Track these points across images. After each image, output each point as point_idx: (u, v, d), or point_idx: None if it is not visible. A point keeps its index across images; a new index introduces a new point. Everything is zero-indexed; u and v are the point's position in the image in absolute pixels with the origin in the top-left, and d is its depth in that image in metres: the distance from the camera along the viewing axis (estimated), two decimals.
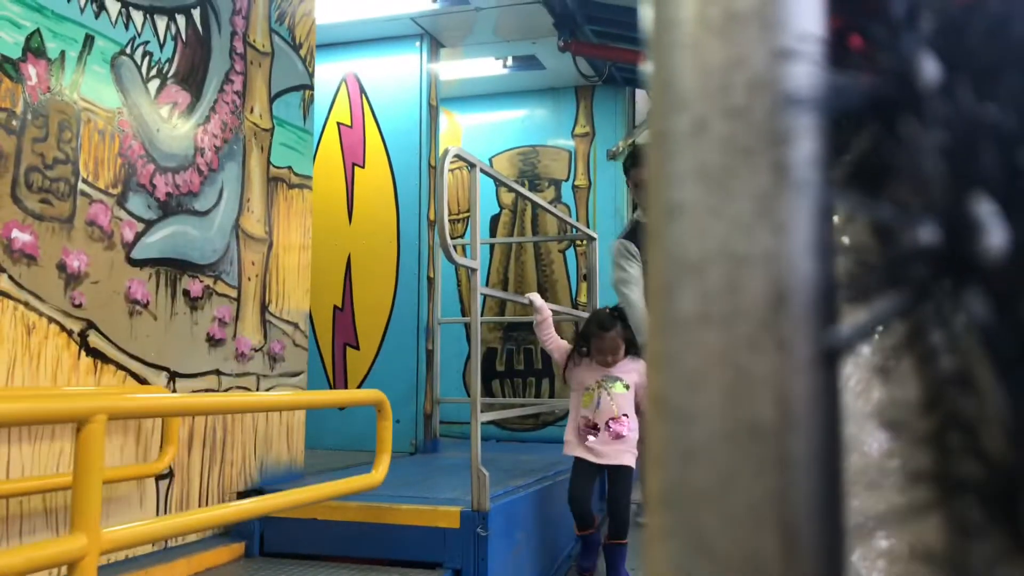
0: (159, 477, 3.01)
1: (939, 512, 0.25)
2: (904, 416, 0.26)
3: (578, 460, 3.41)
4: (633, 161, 3.23)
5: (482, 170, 3.21)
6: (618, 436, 3.34)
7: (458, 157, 3.10)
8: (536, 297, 3.61)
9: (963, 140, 0.23)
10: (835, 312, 0.23)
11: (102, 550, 1.67)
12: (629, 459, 3.37)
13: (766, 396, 0.22)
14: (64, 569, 1.69)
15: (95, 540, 1.63)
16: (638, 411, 3.45)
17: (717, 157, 0.23)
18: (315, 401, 3.34)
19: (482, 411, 3.20)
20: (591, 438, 3.35)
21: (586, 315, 4.54)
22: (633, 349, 3.39)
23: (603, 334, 3.37)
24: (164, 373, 3.04)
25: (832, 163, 0.23)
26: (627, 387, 3.39)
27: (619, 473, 3.39)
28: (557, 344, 3.57)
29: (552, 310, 4.47)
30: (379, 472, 2.71)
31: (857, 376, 0.27)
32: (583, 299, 5.20)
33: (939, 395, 0.25)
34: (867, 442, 0.27)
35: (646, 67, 0.26)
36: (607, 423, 3.35)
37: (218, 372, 3.29)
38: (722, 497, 0.22)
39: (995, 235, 0.23)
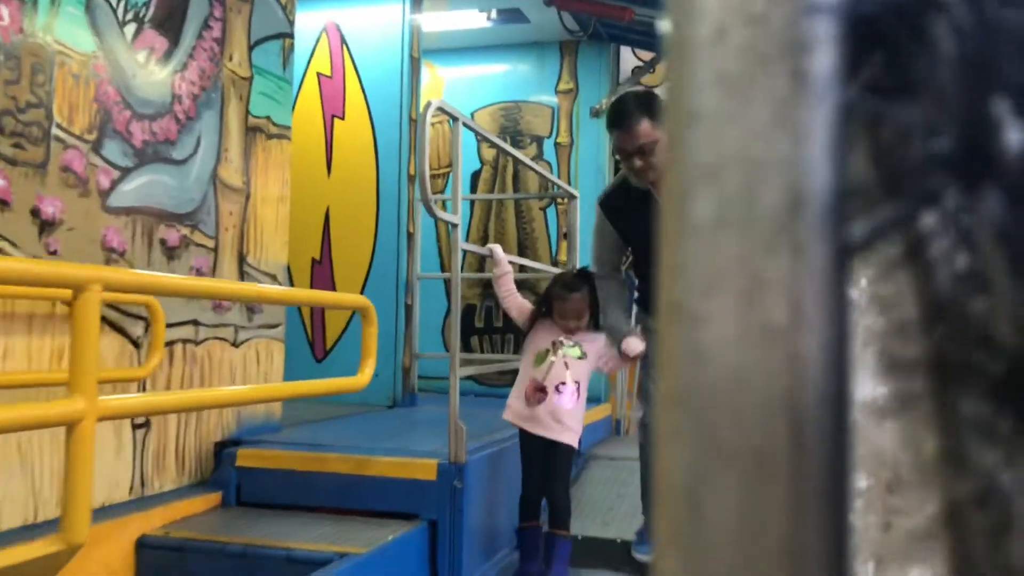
0: (136, 426, 3.00)
1: (934, 402, 0.26)
2: (900, 337, 0.26)
3: (523, 437, 3.14)
4: (613, 121, 2.88)
5: (465, 124, 3.19)
6: (569, 403, 3.06)
7: (441, 110, 3.07)
8: (497, 248, 3.31)
9: (985, 47, 0.23)
10: (849, 218, 0.23)
11: (99, 416, 1.72)
12: (571, 438, 3.09)
13: (780, 299, 0.22)
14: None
15: (92, 404, 1.69)
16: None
17: (736, 64, 0.23)
18: (302, 298, 3.37)
19: (460, 366, 3.21)
20: (538, 405, 3.04)
21: None
22: (596, 320, 3.10)
23: (567, 295, 3.06)
24: (141, 322, 3.02)
25: (851, 71, 0.23)
26: (583, 355, 3.10)
27: (559, 452, 3.09)
28: (517, 303, 3.25)
29: (531, 268, 4.47)
30: (364, 375, 2.74)
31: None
32: (563, 258, 5.20)
33: (940, 308, 0.26)
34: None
35: None
36: (556, 387, 3.05)
37: (196, 322, 3.27)
38: (732, 396, 0.22)
39: (1013, 133, 0.23)
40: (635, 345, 2.96)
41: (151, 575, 2.73)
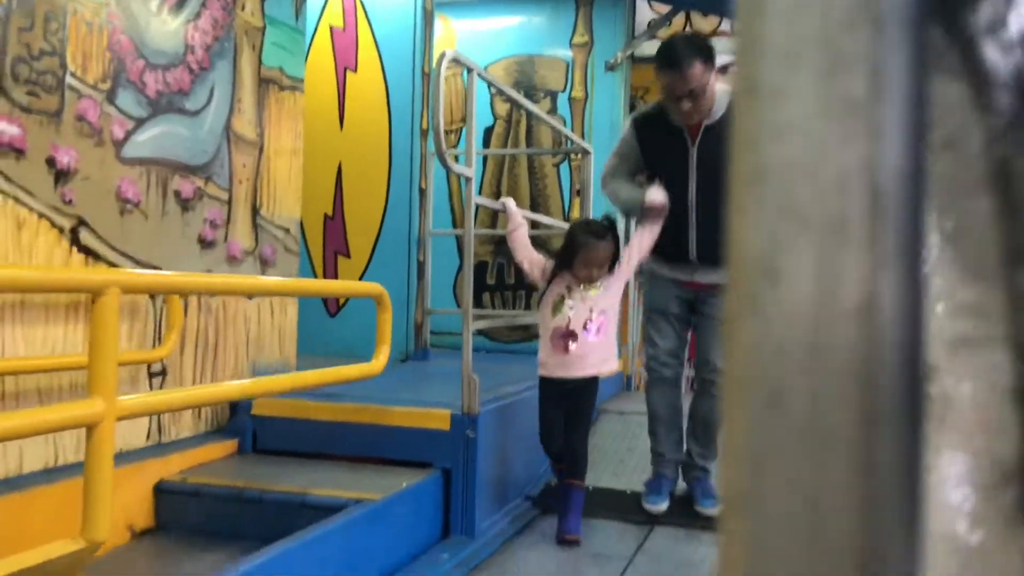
0: (152, 374, 3.03)
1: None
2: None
3: (544, 388, 3.14)
4: (667, 63, 2.94)
5: (480, 75, 3.16)
6: (599, 334, 3.03)
7: (456, 61, 3.05)
8: (510, 202, 3.29)
9: None
10: None
11: (118, 416, 1.75)
12: (611, 366, 3.12)
13: (860, 71, 0.23)
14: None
15: (111, 406, 1.71)
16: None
17: None
18: (318, 288, 3.39)
19: (473, 320, 3.22)
20: (570, 351, 3.01)
21: None
22: (614, 265, 3.06)
23: (595, 243, 2.98)
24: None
25: None
26: (600, 288, 3.06)
27: (584, 395, 3.11)
28: (530, 256, 3.18)
29: (544, 224, 4.47)
30: (379, 361, 2.78)
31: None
32: (576, 214, 5.19)
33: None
34: None
35: None
36: (584, 325, 3.01)
37: (210, 274, 3.29)
38: (813, 167, 0.23)
39: None
40: (655, 194, 3.00)
41: (169, 518, 2.77)
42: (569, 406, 3.12)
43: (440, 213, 5.30)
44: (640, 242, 3.13)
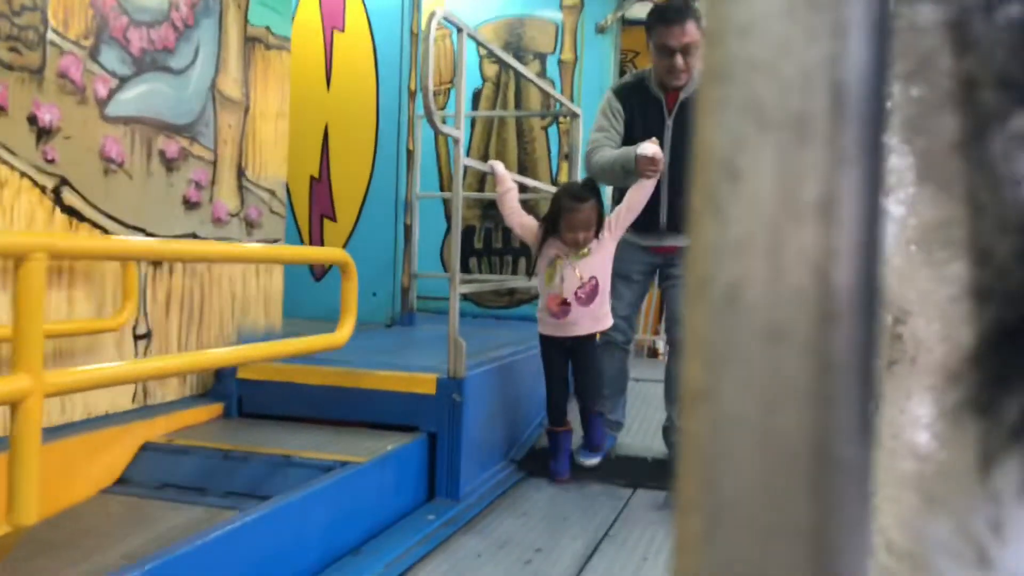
0: (137, 337, 3.03)
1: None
2: None
3: (545, 343, 3.34)
4: (666, 16, 3.05)
5: (469, 35, 3.13)
6: (591, 300, 3.17)
7: (445, 20, 3.02)
8: (499, 165, 3.34)
9: None
10: None
11: (46, 392, 1.61)
12: (603, 325, 3.28)
13: None
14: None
15: (38, 381, 1.57)
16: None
17: None
18: (276, 255, 3.27)
19: (460, 284, 3.22)
20: (566, 317, 3.19)
21: None
22: (601, 230, 3.15)
23: (577, 206, 3.07)
24: (140, 234, 3.02)
25: None
26: (589, 252, 3.16)
27: (582, 345, 3.27)
28: (521, 220, 3.30)
29: (532, 187, 4.45)
30: (343, 332, 2.71)
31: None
32: (563, 178, 5.17)
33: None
34: None
35: None
36: (575, 295, 3.16)
37: (195, 235, 3.27)
38: (776, 65, 0.23)
39: None
40: (648, 146, 2.98)
41: (155, 477, 2.77)
42: (573, 358, 3.32)
43: (427, 176, 5.27)
44: (632, 198, 3.11)
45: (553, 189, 4.66)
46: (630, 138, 3.16)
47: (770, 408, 0.22)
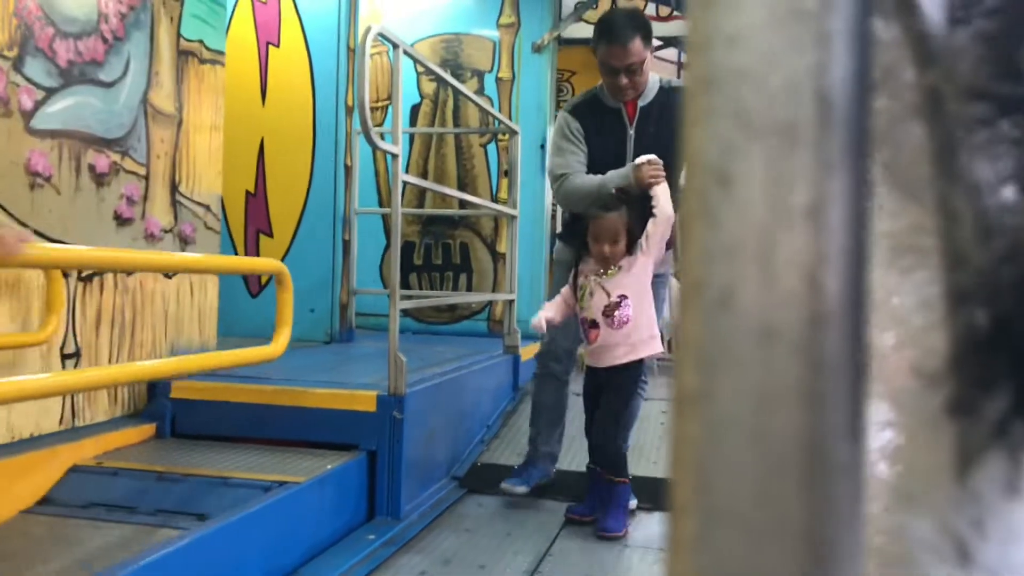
0: (65, 356, 2.93)
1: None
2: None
3: (587, 375, 2.98)
4: (607, 36, 2.87)
5: (406, 52, 3.13)
6: (622, 323, 2.77)
7: (381, 36, 3.01)
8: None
9: None
10: None
11: None
12: (644, 350, 2.84)
13: None
14: None
15: None
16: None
17: None
18: (211, 265, 3.17)
19: (400, 300, 3.20)
20: (597, 340, 2.82)
21: (506, 210, 4.54)
22: (635, 246, 2.78)
23: (603, 215, 2.76)
24: None
25: None
26: (619, 269, 2.80)
27: (616, 385, 2.87)
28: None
29: (472, 204, 4.46)
30: (278, 344, 2.66)
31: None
32: (503, 195, 5.19)
33: None
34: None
35: None
36: (603, 312, 2.79)
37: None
38: (764, 74, 0.23)
39: None
40: (642, 160, 2.77)
41: (82, 498, 2.67)
42: (603, 394, 2.91)
43: (366, 192, 5.24)
44: (662, 207, 2.75)
45: (492, 206, 4.68)
46: (592, 155, 3.03)
47: (763, 409, 0.22)
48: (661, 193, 2.75)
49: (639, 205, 2.79)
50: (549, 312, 2.91)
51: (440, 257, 5.46)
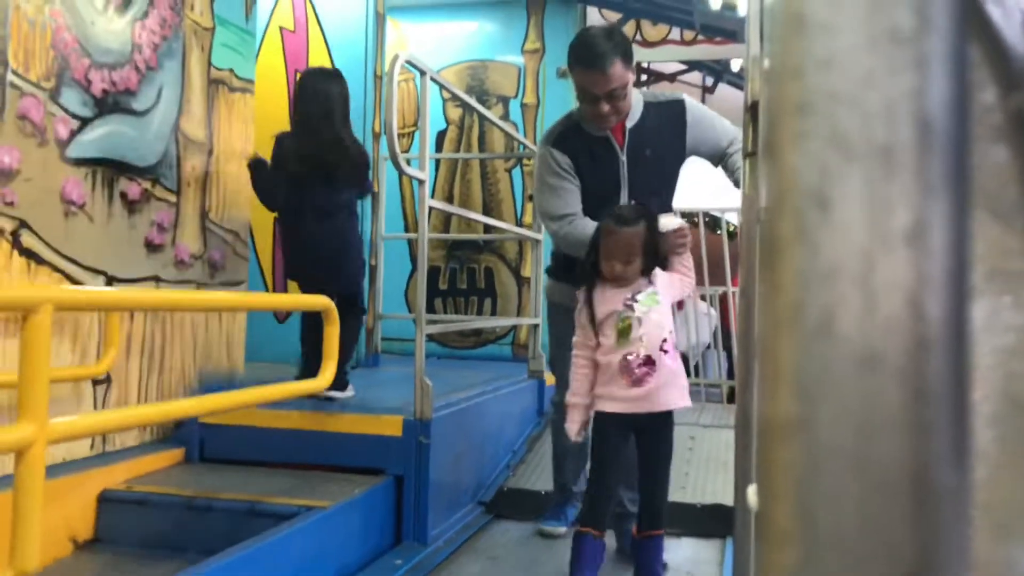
0: (96, 382, 2.95)
1: None
2: None
3: (605, 424, 2.45)
4: (584, 60, 2.57)
5: (432, 79, 3.16)
6: (673, 365, 2.40)
7: (409, 64, 3.04)
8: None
9: None
10: None
11: (49, 440, 1.65)
12: (678, 398, 2.43)
13: (906, 4, 0.23)
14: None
15: (42, 429, 1.62)
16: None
17: None
18: (263, 303, 3.25)
19: (427, 324, 3.20)
20: (651, 381, 2.36)
21: (530, 235, 4.54)
22: (652, 265, 2.41)
23: (619, 229, 2.36)
24: (101, 277, 2.96)
25: None
26: (658, 295, 2.40)
27: (662, 432, 2.47)
28: None
29: (497, 228, 4.47)
30: (324, 377, 2.69)
31: None
32: (528, 219, 5.20)
33: None
34: None
35: None
36: (660, 346, 2.36)
37: (157, 278, 3.22)
38: (859, 97, 0.23)
39: None
40: (669, 221, 2.46)
41: (113, 528, 2.69)
42: (642, 443, 2.50)
43: (393, 217, 5.27)
44: (688, 273, 2.51)
45: (516, 229, 4.70)
46: (584, 188, 2.71)
47: (866, 437, 0.22)
48: (688, 260, 2.49)
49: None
50: (578, 403, 2.46)
51: (465, 282, 5.47)
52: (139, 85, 3.12)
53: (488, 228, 5.01)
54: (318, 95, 3.29)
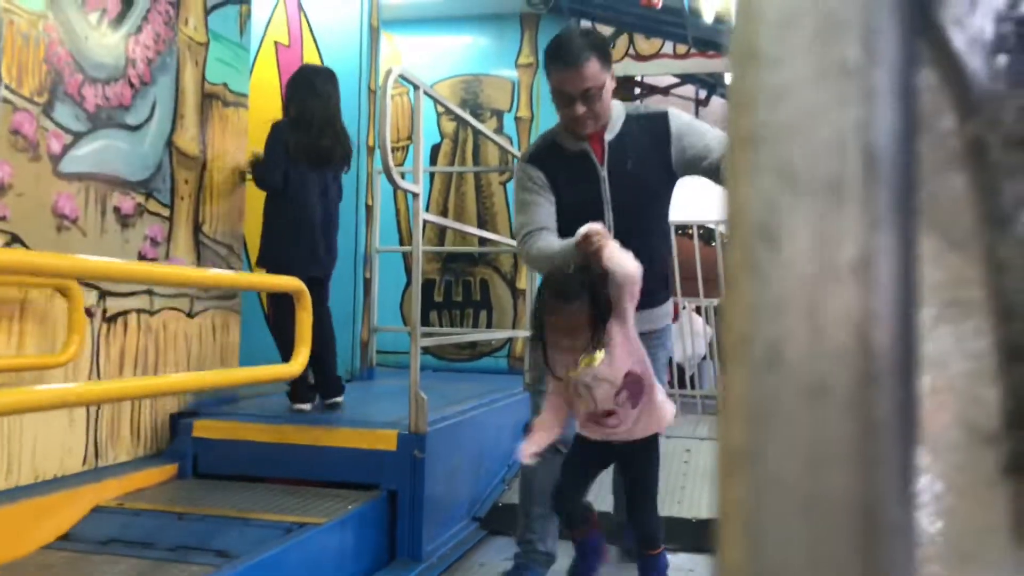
0: None
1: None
2: None
3: (585, 443, 2.41)
4: (558, 58, 2.45)
5: (426, 93, 3.17)
6: (638, 398, 2.28)
7: (402, 78, 3.05)
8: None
9: None
10: None
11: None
12: (666, 419, 2.36)
13: (853, 36, 0.23)
14: None
15: None
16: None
17: None
18: (232, 281, 3.18)
19: (421, 338, 3.20)
20: (617, 426, 2.30)
21: None
22: (598, 333, 2.21)
23: (562, 307, 2.19)
24: (95, 291, 2.96)
25: None
26: (600, 355, 2.24)
27: (639, 453, 2.38)
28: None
29: (491, 241, 4.47)
30: (297, 362, 2.61)
31: None
32: None
33: None
34: None
35: None
36: (614, 400, 2.27)
37: (150, 292, 3.21)
38: (809, 130, 0.23)
39: None
40: (585, 227, 2.24)
41: (103, 536, 2.66)
42: (623, 467, 2.49)
43: (387, 231, 5.28)
44: (617, 269, 2.21)
45: (512, 243, 4.69)
46: (563, 206, 2.56)
47: (815, 469, 0.22)
48: (614, 255, 2.22)
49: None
50: (540, 436, 2.34)
51: (460, 294, 5.47)
52: (133, 100, 3.12)
53: (483, 241, 5.02)
54: (322, 96, 3.55)
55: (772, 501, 0.22)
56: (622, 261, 2.20)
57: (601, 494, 3.04)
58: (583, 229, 2.24)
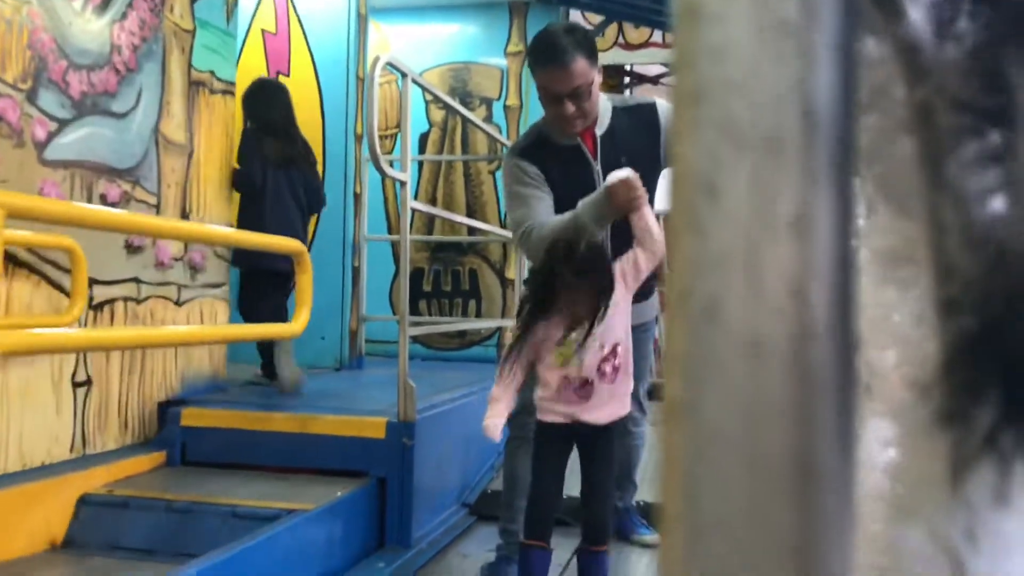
0: (76, 384, 2.93)
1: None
2: None
3: (545, 433, 2.33)
4: (545, 57, 2.37)
5: (414, 81, 3.16)
6: (615, 375, 2.26)
7: (390, 66, 3.04)
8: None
9: None
10: None
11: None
12: (622, 409, 2.34)
13: None
14: None
15: None
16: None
17: None
18: (234, 239, 3.18)
19: (410, 326, 3.20)
20: (587, 399, 2.26)
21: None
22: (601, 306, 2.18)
23: (576, 284, 2.16)
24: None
25: None
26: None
27: (601, 436, 2.32)
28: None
29: (480, 230, 4.47)
30: (299, 323, 2.60)
31: None
32: None
33: None
34: None
35: None
36: (599, 369, 2.24)
37: (137, 280, 3.21)
38: (749, 87, 0.24)
39: None
40: (618, 173, 2.21)
41: (92, 532, 2.67)
42: (585, 453, 2.38)
43: (375, 219, 5.27)
44: (655, 238, 2.24)
45: (501, 231, 4.69)
46: (557, 200, 2.47)
47: (751, 422, 0.22)
48: (649, 219, 2.23)
49: (620, 235, 2.32)
50: (498, 407, 2.29)
51: (449, 283, 5.47)
52: (118, 87, 3.11)
53: (472, 230, 5.01)
54: (281, 106, 3.89)
55: (710, 453, 0.22)
56: (659, 231, 2.22)
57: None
58: (618, 173, 2.19)
